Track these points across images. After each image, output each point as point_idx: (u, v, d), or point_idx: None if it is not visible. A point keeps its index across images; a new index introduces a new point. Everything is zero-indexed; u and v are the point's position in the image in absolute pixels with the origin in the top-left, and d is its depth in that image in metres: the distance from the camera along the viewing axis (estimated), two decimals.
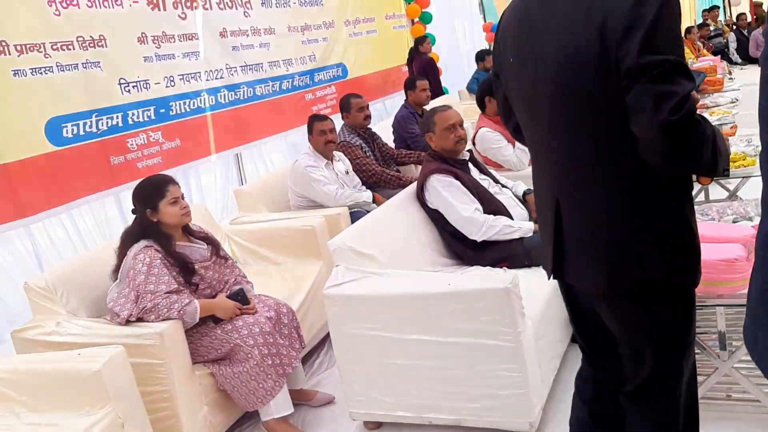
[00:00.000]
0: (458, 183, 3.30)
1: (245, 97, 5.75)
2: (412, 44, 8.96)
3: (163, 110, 4.74)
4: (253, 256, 3.87)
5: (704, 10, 13.46)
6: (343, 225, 3.85)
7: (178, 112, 4.92)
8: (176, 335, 2.71)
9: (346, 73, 7.55)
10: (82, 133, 4.09)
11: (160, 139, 4.70)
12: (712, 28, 11.68)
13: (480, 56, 8.38)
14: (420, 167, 5.22)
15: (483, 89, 4.42)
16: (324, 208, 4.07)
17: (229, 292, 3.04)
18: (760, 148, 1.09)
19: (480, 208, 3.27)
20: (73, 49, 4.03)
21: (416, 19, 9.25)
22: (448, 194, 3.27)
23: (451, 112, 3.43)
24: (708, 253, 2.37)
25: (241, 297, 2.96)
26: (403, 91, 5.72)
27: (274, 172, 4.94)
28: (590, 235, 1.66)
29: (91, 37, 4.15)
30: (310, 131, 4.28)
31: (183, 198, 2.97)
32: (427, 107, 5.50)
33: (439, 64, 8.90)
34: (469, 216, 3.22)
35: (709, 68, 7.64)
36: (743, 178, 3.83)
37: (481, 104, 4.43)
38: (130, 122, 4.45)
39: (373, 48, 8.06)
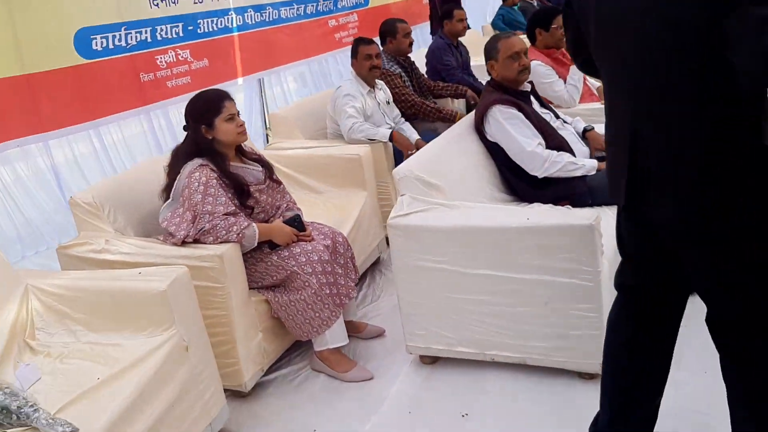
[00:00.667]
0: (522, 115, 3.15)
1: (271, 19, 5.50)
2: None
3: (191, 27, 4.51)
4: (293, 183, 3.72)
5: None
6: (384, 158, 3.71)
7: (206, 30, 4.68)
8: (235, 259, 2.58)
9: (367, 1, 7.26)
10: (111, 46, 3.86)
11: (189, 58, 4.48)
12: None
13: None
14: (457, 101, 5.10)
15: (535, 20, 4.22)
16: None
17: (283, 218, 2.90)
18: None
19: (543, 142, 3.13)
20: None
21: None
22: (510, 126, 3.12)
23: (515, 39, 3.25)
24: None
25: (297, 223, 2.83)
26: (427, 23, 5.48)
27: (310, 98, 4.76)
28: (674, 169, 1.57)
29: None
30: (354, 55, 4.08)
31: (239, 115, 2.80)
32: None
33: None
34: (532, 150, 3.08)
35: None
36: None
37: (532, 36, 4.23)
38: (159, 38, 4.22)
39: None
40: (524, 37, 3.73)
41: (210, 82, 4.66)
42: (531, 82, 3.39)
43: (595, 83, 4.43)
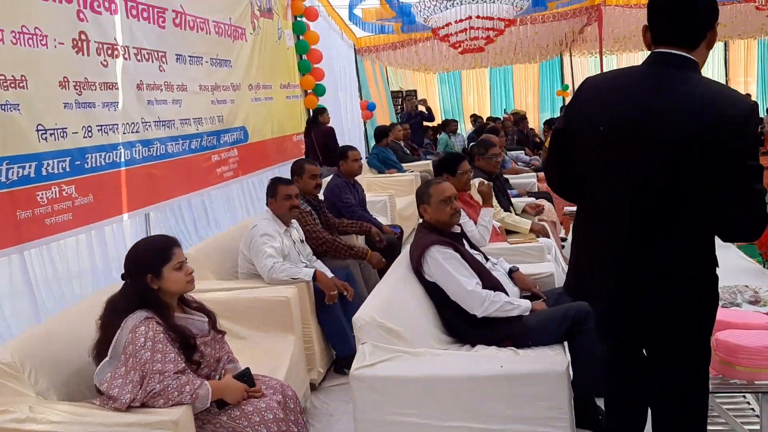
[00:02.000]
0: (459, 255, 3.21)
1: (158, 153, 5.33)
2: (305, 115, 8.92)
3: (78, 162, 4.23)
4: None
5: None
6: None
7: (94, 165, 4.41)
8: (188, 424, 2.31)
9: (246, 137, 7.30)
10: None
11: (73, 194, 4.16)
12: None
13: (384, 132, 8.48)
14: (361, 237, 5.13)
15: (442, 166, 4.42)
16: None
17: (225, 372, 2.67)
18: None
19: (480, 282, 3.19)
20: None
21: (310, 91, 9.23)
22: (449, 266, 3.16)
23: (446, 185, 3.37)
24: (745, 339, 2.45)
25: (247, 378, 2.61)
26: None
27: (220, 235, 4.57)
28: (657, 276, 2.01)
29: (12, 76, 3.63)
30: (272, 195, 4.01)
31: (186, 262, 2.61)
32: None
33: None
34: (472, 290, 3.13)
35: None
36: None
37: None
38: (44, 173, 3.90)
39: (270, 115, 7.90)
40: None
41: (92, 219, 4.35)
42: (460, 225, 3.49)
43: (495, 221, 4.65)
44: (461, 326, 3.19)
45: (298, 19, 9.02)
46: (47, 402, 2.37)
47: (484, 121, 12.49)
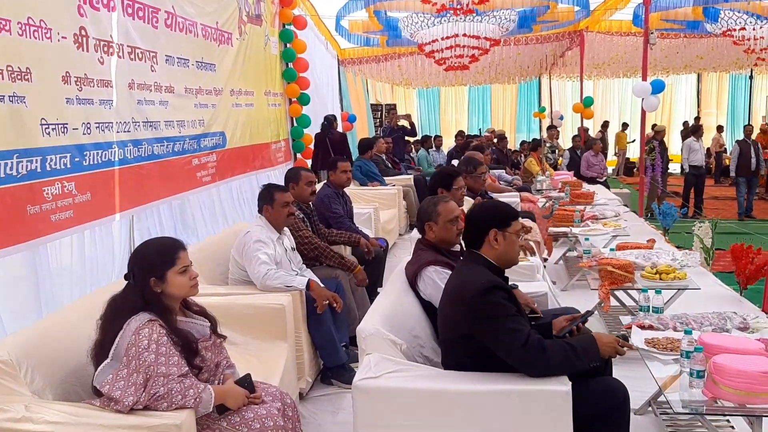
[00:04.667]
0: None
1: (146, 154, 5.28)
2: (288, 123, 8.92)
3: (77, 159, 4.19)
4: None
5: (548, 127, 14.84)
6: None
7: (92, 162, 4.37)
8: (191, 428, 2.29)
9: (225, 143, 7.25)
10: (2, 175, 3.46)
11: (74, 191, 4.12)
12: (548, 144, 12.98)
13: (369, 144, 8.50)
14: (349, 248, 5.12)
15: (438, 181, 4.45)
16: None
17: (224, 378, 2.65)
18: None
19: None
20: (2, 79, 3.46)
21: (294, 99, 9.22)
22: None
23: (453, 205, 3.38)
24: (742, 363, 2.51)
25: (248, 384, 2.59)
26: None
27: (210, 240, 4.53)
28: None
29: (19, 68, 3.59)
30: (269, 202, 3.99)
31: (191, 266, 2.58)
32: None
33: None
34: None
35: (575, 182, 8.40)
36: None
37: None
38: (48, 168, 3.86)
39: (249, 121, 7.86)
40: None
41: (91, 217, 4.32)
42: (460, 243, 3.51)
43: None
44: None
45: (286, 27, 9.02)
46: (43, 401, 2.32)
47: (466, 138, 12.58)
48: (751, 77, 19.22)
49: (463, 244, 2.98)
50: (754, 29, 11.25)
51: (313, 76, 10.15)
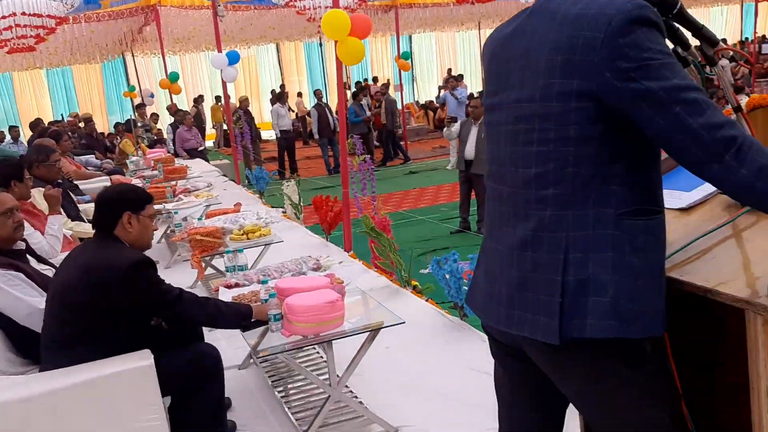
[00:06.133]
0: (23, 275, 2.92)
1: None
2: None
3: None
4: None
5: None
6: None
7: None
8: None
9: None
10: None
11: None
12: (140, 123, 12.52)
13: None
14: None
15: (8, 173, 3.97)
16: None
17: None
18: None
19: None
20: None
21: None
22: (15, 290, 2.86)
23: (6, 196, 3.03)
24: (309, 299, 2.82)
25: None
26: None
27: None
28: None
29: None
30: None
31: None
32: None
33: None
34: (43, 308, 2.88)
35: (167, 158, 8.34)
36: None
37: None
38: None
39: None
40: None
41: None
42: (24, 239, 3.20)
43: None
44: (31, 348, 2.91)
45: None
46: None
47: (46, 125, 11.50)
48: (320, 44, 21.15)
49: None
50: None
51: None
